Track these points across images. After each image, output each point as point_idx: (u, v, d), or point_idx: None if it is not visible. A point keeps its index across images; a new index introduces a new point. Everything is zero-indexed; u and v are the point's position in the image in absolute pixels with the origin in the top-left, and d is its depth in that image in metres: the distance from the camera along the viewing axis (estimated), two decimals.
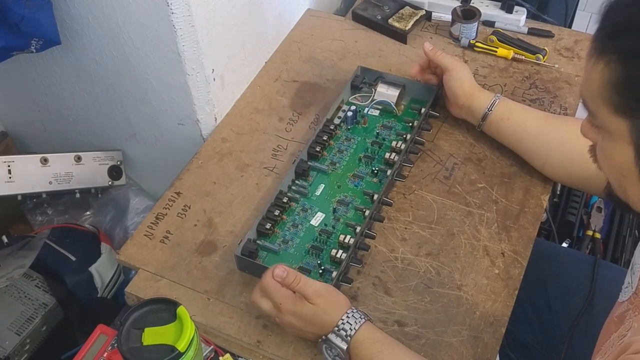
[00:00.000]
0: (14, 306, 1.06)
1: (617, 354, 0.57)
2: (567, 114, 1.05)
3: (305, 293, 0.75)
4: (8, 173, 1.08)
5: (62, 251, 1.12)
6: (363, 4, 1.24)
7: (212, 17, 0.96)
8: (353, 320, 0.74)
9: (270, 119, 1.08)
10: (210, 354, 0.81)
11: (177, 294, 0.86)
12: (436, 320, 0.82)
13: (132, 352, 0.68)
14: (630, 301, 0.67)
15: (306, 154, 0.97)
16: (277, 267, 0.76)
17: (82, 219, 1.24)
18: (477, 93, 0.98)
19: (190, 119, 1.05)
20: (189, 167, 1.01)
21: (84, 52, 1.03)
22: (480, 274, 0.87)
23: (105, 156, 1.20)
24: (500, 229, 0.91)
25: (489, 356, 0.79)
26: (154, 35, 0.93)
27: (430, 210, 0.94)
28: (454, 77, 0.98)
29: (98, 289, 1.13)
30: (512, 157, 0.99)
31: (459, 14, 1.16)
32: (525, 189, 0.96)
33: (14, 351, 1.02)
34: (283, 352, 0.80)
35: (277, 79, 1.14)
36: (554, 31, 1.18)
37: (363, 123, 1.03)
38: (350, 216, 0.92)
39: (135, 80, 1.03)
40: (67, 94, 1.14)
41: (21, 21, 0.86)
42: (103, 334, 0.82)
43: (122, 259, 0.91)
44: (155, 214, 0.95)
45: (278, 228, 0.90)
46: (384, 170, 0.95)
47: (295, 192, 0.94)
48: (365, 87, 1.08)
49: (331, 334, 0.75)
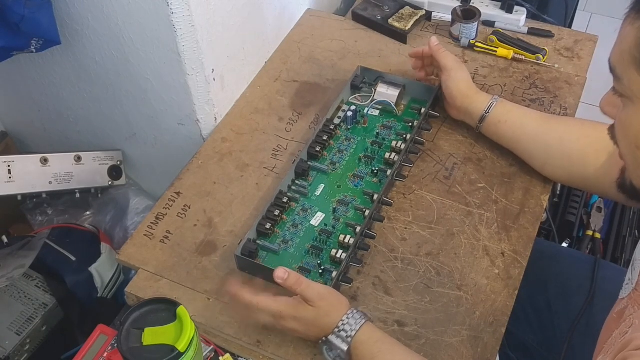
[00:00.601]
0: (14, 306, 1.06)
1: (618, 351, 0.57)
2: (567, 114, 1.05)
3: (307, 296, 0.75)
4: (8, 173, 1.08)
5: (62, 251, 1.12)
6: (363, 4, 1.24)
7: (212, 17, 0.96)
8: (353, 321, 0.74)
9: (270, 119, 1.08)
10: (210, 354, 0.81)
11: (177, 294, 0.86)
12: (436, 320, 0.82)
13: (132, 352, 0.68)
14: (630, 297, 0.67)
15: (306, 154, 0.97)
16: (278, 269, 0.77)
17: (82, 219, 1.24)
18: (474, 95, 0.97)
19: (190, 119, 1.05)
20: (189, 167, 1.01)
21: (84, 52, 1.03)
22: (480, 274, 0.87)
23: (105, 156, 1.20)
24: (500, 229, 0.91)
25: (489, 356, 0.79)
26: (154, 35, 0.93)
27: (430, 210, 0.94)
28: (451, 77, 0.98)
29: (98, 289, 1.13)
30: (512, 157, 0.99)
31: (459, 14, 1.16)
32: (525, 189, 0.96)
33: (14, 351, 1.02)
34: (283, 352, 0.80)
35: (277, 79, 1.14)
36: (554, 31, 1.18)
37: (363, 123, 1.03)
38: (350, 216, 0.92)
39: (135, 80, 1.03)
40: (67, 94, 1.14)
41: (21, 21, 0.86)
42: (103, 334, 0.82)
43: (122, 259, 0.91)
44: (155, 214, 0.95)
45: (278, 228, 0.90)
46: (384, 170, 0.95)
47: (295, 192, 0.94)
48: (365, 87, 1.08)
49: (332, 335, 0.75)
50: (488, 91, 1.08)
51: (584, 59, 1.14)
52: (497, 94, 1.04)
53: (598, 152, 0.88)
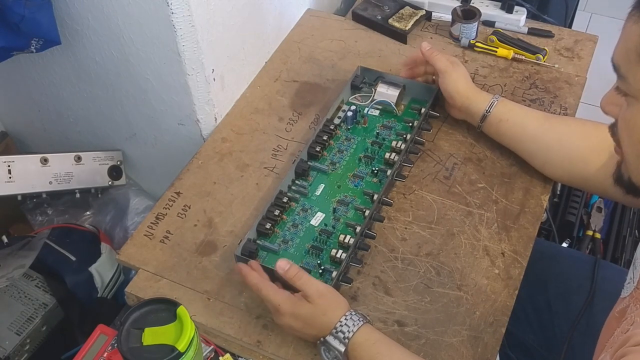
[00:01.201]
0: (14, 306, 1.06)
1: (618, 347, 0.57)
2: (567, 113, 1.05)
3: (307, 291, 0.75)
4: (8, 173, 1.08)
5: (62, 251, 1.12)
6: (363, 4, 1.24)
7: (212, 17, 0.96)
8: (351, 322, 0.74)
9: (270, 119, 1.08)
10: (210, 354, 0.81)
11: (177, 294, 0.86)
12: (436, 320, 0.82)
13: (132, 352, 0.68)
14: (631, 295, 0.67)
15: (306, 154, 0.97)
16: (281, 260, 0.77)
17: (82, 219, 1.24)
18: (474, 95, 0.97)
19: (190, 119, 1.05)
20: (189, 167, 1.01)
21: (84, 52, 1.03)
22: (480, 274, 0.87)
23: (105, 156, 1.20)
24: (500, 229, 0.91)
25: (489, 356, 0.79)
26: (154, 35, 0.93)
27: (430, 210, 0.94)
28: (447, 79, 0.97)
29: (98, 289, 1.13)
30: (512, 157, 0.99)
31: (459, 14, 1.16)
32: (525, 189, 0.96)
33: (14, 351, 1.02)
34: (283, 352, 0.80)
35: (277, 79, 1.14)
36: (554, 31, 1.18)
37: (363, 123, 1.03)
38: (350, 216, 0.92)
39: (135, 80, 1.03)
40: (67, 94, 1.14)
41: (21, 21, 0.86)
42: (103, 334, 0.82)
43: (122, 259, 0.91)
44: (155, 214, 0.95)
45: (278, 228, 0.90)
46: (384, 170, 0.95)
47: (295, 192, 0.94)
48: (365, 87, 1.08)
49: (329, 336, 0.75)
50: (488, 91, 1.07)
51: (584, 59, 1.14)
52: (497, 93, 1.04)
53: (599, 152, 0.88)
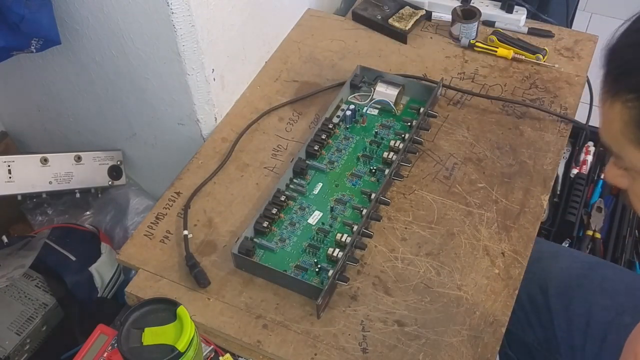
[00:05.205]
0: (14, 306, 1.06)
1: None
2: (567, 113, 1.05)
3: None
4: (8, 173, 1.08)
5: (62, 251, 1.12)
6: (363, 4, 1.24)
7: (212, 17, 0.96)
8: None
9: (270, 119, 1.08)
10: (210, 354, 0.81)
11: (177, 294, 0.86)
12: (436, 320, 0.82)
13: (132, 352, 0.68)
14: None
15: (304, 153, 0.97)
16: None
17: (82, 219, 1.24)
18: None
19: (190, 119, 1.05)
20: (189, 167, 1.01)
21: (84, 52, 1.03)
22: (480, 274, 0.87)
23: (105, 156, 1.20)
24: (500, 228, 0.91)
25: (489, 356, 0.79)
26: (154, 35, 0.93)
27: (430, 210, 0.94)
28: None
29: (98, 289, 1.13)
30: (512, 157, 0.99)
31: (459, 13, 1.16)
32: (525, 189, 0.96)
33: (14, 351, 1.02)
34: (283, 352, 0.80)
35: (277, 79, 1.14)
36: (554, 31, 1.18)
37: (362, 122, 1.03)
38: (347, 215, 0.92)
39: (135, 80, 1.03)
40: (67, 94, 1.14)
41: (21, 21, 0.86)
42: (103, 334, 0.82)
43: (122, 259, 0.91)
44: (155, 214, 0.95)
45: (275, 226, 0.90)
46: (382, 170, 0.95)
47: (293, 190, 0.94)
48: (364, 87, 1.08)
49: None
50: (488, 91, 1.08)
51: (584, 59, 1.14)
52: (497, 93, 1.04)
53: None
